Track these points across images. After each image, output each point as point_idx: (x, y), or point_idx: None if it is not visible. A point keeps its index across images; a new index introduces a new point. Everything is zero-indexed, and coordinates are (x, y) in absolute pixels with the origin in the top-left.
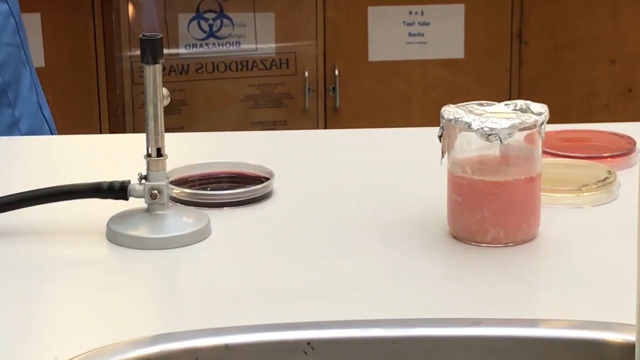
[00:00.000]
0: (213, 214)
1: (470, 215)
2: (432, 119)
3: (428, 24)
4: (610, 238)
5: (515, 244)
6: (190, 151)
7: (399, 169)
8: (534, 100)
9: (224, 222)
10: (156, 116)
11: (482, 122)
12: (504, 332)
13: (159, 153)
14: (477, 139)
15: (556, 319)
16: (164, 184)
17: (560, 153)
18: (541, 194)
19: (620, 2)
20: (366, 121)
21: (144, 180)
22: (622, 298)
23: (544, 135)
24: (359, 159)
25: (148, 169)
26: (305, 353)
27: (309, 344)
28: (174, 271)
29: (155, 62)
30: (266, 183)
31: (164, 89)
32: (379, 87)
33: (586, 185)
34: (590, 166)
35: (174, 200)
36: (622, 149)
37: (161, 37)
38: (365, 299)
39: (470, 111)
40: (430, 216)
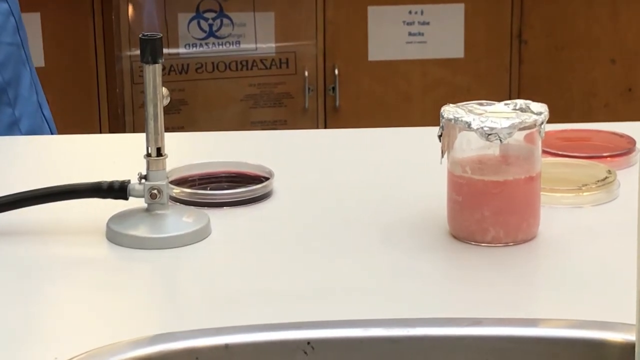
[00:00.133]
0: (213, 214)
1: (470, 215)
2: (432, 118)
3: (428, 23)
4: (610, 238)
5: (515, 243)
6: (190, 151)
7: (399, 168)
8: (533, 100)
9: (223, 221)
10: (156, 116)
11: (481, 121)
12: (504, 332)
13: (159, 153)
14: (477, 139)
15: (556, 318)
16: (164, 183)
17: (560, 153)
18: (541, 193)
19: (620, 2)
20: (366, 121)
21: (143, 180)
22: (622, 298)
23: (543, 135)
24: (359, 158)
25: (148, 168)
26: (305, 353)
27: (309, 343)
28: (174, 271)
29: (155, 62)
30: (266, 183)
31: (163, 88)
32: (379, 86)
33: (586, 185)
34: (590, 166)
35: (174, 200)
36: (622, 149)
37: (161, 37)
38: (365, 298)
39: (470, 111)
40: (430, 216)
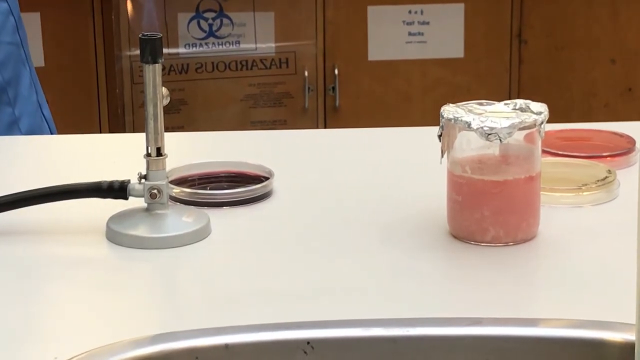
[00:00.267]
0: (213, 214)
1: (470, 215)
2: (431, 118)
3: (428, 23)
4: (610, 237)
5: (515, 243)
6: (190, 150)
7: (399, 168)
8: (533, 100)
9: (223, 221)
10: (156, 115)
11: (481, 121)
12: (504, 332)
13: (159, 152)
14: (477, 139)
15: (556, 318)
16: (164, 183)
17: (560, 152)
18: (541, 193)
19: (620, 2)
20: (366, 121)
21: (143, 180)
22: (622, 298)
23: (543, 135)
24: (358, 158)
25: (148, 168)
26: (305, 353)
27: (308, 343)
28: (174, 271)
29: (155, 62)
30: (266, 182)
31: (163, 88)
32: (379, 86)
33: (586, 185)
34: (590, 165)
35: (174, 199)
36: (622, 149)
37: (161, 37)
38: (365, 298)
39: (469, 110)
40: (430, 215)
